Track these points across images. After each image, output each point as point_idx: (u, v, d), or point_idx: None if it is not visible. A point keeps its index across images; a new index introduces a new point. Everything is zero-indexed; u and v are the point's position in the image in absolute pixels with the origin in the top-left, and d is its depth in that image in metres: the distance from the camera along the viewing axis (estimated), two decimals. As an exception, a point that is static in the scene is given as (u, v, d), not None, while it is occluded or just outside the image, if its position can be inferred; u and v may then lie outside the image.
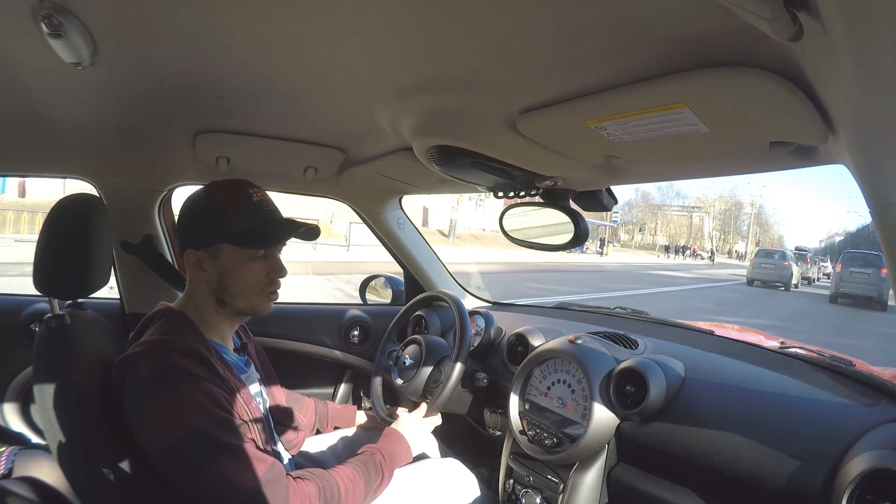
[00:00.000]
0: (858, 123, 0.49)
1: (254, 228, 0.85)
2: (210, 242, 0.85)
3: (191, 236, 0.87)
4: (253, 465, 0.76)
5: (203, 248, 0.85)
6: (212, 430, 0.74)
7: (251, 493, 0.74)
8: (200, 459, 0.73)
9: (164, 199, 1.47)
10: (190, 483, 0.74)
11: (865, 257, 12.28)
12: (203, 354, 0.80)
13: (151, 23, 0.62)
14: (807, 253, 24.06)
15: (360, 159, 1.27)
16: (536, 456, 1.09)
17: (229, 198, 0.86)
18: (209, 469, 0.73)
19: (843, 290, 12.64)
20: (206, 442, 0.73)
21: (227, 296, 0.87)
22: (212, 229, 0.85)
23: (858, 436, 0.79)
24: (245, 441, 0.78)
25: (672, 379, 1.00)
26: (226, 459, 0.74)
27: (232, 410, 0.79)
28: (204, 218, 0.86)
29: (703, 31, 0.50)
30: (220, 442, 0.74)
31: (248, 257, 0.86)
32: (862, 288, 12.22)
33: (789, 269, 16.29)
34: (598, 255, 25.11)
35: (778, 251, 18.08)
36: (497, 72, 0.67)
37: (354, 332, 1.70)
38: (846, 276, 12.54)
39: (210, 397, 0.76)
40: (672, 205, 46.85)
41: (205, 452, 0.73)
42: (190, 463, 0.73)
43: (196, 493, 0.75)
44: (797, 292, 16.12)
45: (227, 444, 0.75)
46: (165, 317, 0.85)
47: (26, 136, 1.11)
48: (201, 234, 0.86)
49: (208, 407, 0.75)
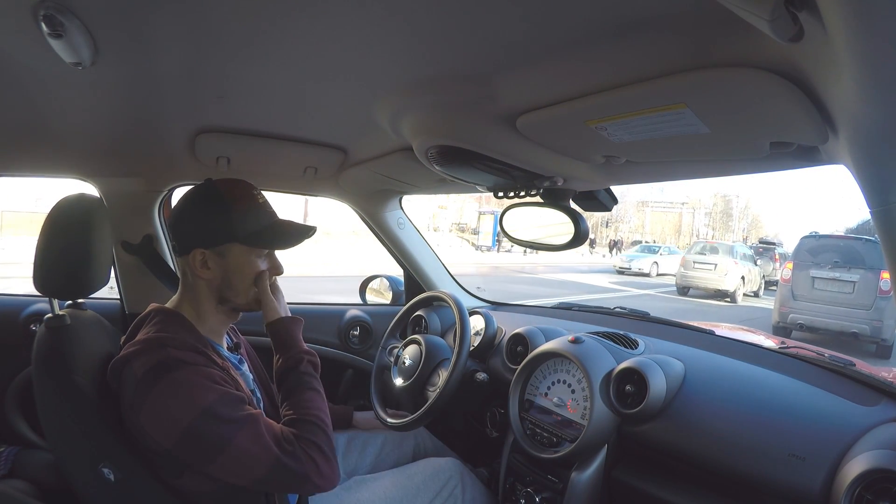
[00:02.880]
0: (859, 124, 0.49)
1: (264, 229, 0.87)
2: (219, 242, 0.86)
3: (198, 236, 0.86)
4: (268, 432, 0.76)
5: (212, 247, 0.86)
6: (219, 406, 0.74)
7: (275, 460, 0.74)
8: (216, 436, 0.73)
9: (164, 199, 1.47)
10: (213, 463, 0.74)
11: (844, 248, 6.24)
12: (199, 348, 0.80)
13: (152, 23, 0.62)
14: (774, 247, 16.29)
15: (360, 159, 1.27)
16: (536, 455, 1.09)
17: (238, 198, 0.87)
18: (228, 444, 0.73)
19: (799, 321, 6.10)
20: (218, 418, 0.73)
21: (230, 293, 0.88)
22: (222, 229, 0.85)
23: (858, 436, 0.79)
24: (252, 411, 0.77)
25: (672, 379, 1.00)
26: (242, 431, 0.74)
27: (231, 385, 0.79)
28: (213, 217, 0.86)
29: (703, 31, 0.50)
30: (230, 416, 0.74)
31: (255, 256, 0.88)
32: (838, 316, 5.83)
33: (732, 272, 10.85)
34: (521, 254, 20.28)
35: (722, 245, 12.53)
36: (497, 71, 0.67)
37: (354, 332, 1.70)
38: (804, 289, 6.19)
39: (210, 377, 0.76)
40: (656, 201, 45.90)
41: (219, 429, 0.73)
42: (207, 442, 0.73)
43: (222, 470, 0.75)
44: (743, 307, 10.38)
45: (238, 416, 0.75)
46: (159, 316, 0.85)
47: (26, 136, 1.11)
48: (211, 233, 0.86)
49: (210, 385, 0.75)
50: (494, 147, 0.89)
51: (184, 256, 0.87)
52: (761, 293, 12.46)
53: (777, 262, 14.03)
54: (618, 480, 1.01)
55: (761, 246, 16.53)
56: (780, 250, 16.07)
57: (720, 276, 10.87)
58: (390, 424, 1.26)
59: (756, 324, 6.41)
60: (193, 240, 0.86)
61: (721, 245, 12.39)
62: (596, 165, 0.91)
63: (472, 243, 22.32)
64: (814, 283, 6.15)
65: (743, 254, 11.98)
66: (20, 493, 0.93)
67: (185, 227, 0.87)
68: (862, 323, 5.72)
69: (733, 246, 12.36)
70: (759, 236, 31.55)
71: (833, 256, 6.17)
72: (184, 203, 0.89)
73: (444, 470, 1.13)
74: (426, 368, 1.29)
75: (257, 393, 1.00)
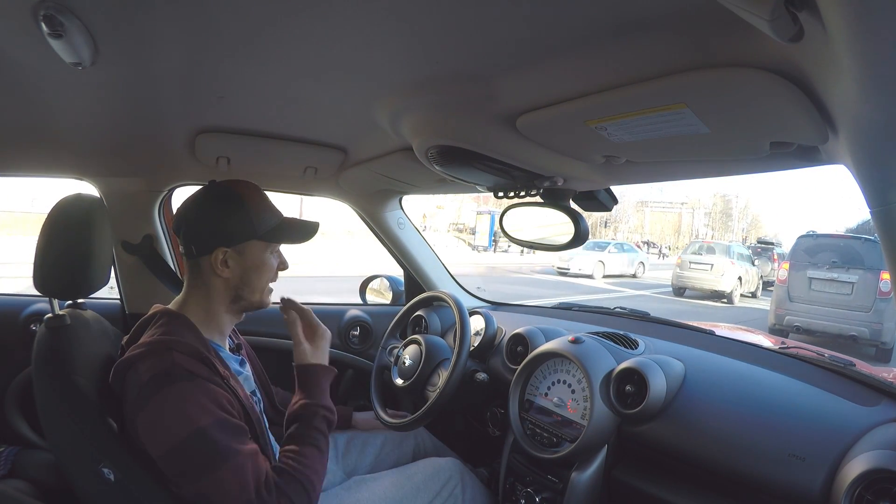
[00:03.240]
0: (859, 124, 0.49)
1: (281, 225, 0.91)
2: (241, 239, 0.88)
3: (221, 235, 0.87)
4: (253, 473, 0.75)
5: (233, 244, 0.87)
6: (213, 431, 0.74)
7: (246, 502, 0.73)
8: (201, 462, 0.73)
9: (164, 199, 1.47)
10: (190, 485, 0.74)
11: (843, 248, 5.97)
12: (203, 354, 0.80)
13: (152, 23, 0.62)
14: (772, 247, 15.93)
15: (360, 159, 1.27)
16: (536, 455, 1.09)
17: (252, 197, 0.90)
18: (211, 471, 0.73)
19: (796, 323, 5.90)
20: (208, 444, 0.73)
21: (246, 291, 0.90)
22: (244, 226, 0.87)
23: (858, 436, 0.79)
24: (246, 445, 0.77)
25: (672, 379, 1.00)
26: (228, 463, 0.73)
27: (233, 411, 0.79)
28: (234, 215, 0.88)
29: (703, 31, 0.50)
30: (221, 445, 0.74)
31: (270, 252, 0.91)
32: (836, 318, 5.66)
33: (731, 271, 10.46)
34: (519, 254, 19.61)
35: (719, 245, 11.99)
36: (497, 71, 0.67)
37: (354, 332, 1.70)
38: (801, 290, 5.98)
39: (211, 397, 0.76)
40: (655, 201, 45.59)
41: (206, 455, 0.73)
42: (191, 465, 0.73)
43: (196, 496, 0.74)
44: (740, 308, 10.14)
45: (231, 448, 0.74)
46: (164, 318, 0.85)
47: (26, 136, 1.11)
48: (232, 232, 0.87)
49: (210, 407, 0.75)
50: (494, 147, 0.89)
51: (202, 257, 0.87)
52: (759, 294, 12.16)
53: (775, 263, 13.49)
54: (618, 480, 1.01)
55: (759, 246, 16.16)
56: (779, 250, 15.70)
57: (717, 276, 10.58)
58: (390, 424, 1.26)
59: (752, 326, 5.58)
60: (215, 239, 0.86)
61: (718, 245, 11.96)
62: (596, 165, 0.91)
63: (469, 243, 22.23)
64: (811, 283, 5.91)
65: (740, 254, 11.68)
66: (20, 493, 0.93)
67: (204, 227, 0.87)
68: (861, 325, 5.49)
69: (730, 246, 11.94)
70: (758, 236, 30.82)
71: (831, 256, 5.89)
72: (196, 205, 0.89)
73: (444, 470, 1.13)
74: (426, 368, 1.29)
75: (257, 393, 1.00)
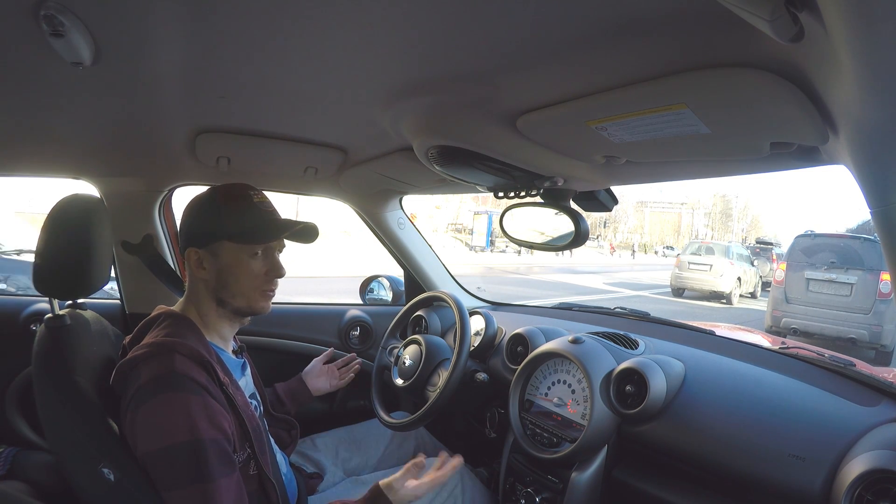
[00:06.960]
0: (859, 124, 0.49)
1: (253, 226, 0.88)
2: (211, 240, 0.87)
3: (192, 234, 0.88)
4: (234, 501, 0.74)
5: (204, 245, 0.87)
6: (203, 448, 0.72)
7: None
8: (184, 472, 0.72)
9: (164, 199, 1.47)
10: (164, 491, 0.72)
11: (841, 248, 5.77)
12: (204, 357, 0.80)
13: (152, 23, 0.62)
14: (771, 248, 15.89)
15: (361, 159, 1.27)
16: (536, 456, 1.09)
17: (231, 198, 0.89)
18: (187, 485, 0.71)
19: (793, 325, 5.73)
20: (195, 457, 0.72)
21: (226, 294, 0.88)
22: (213, 227, 0.87)
23: (858, 436, 0.79)
24: (226, 475, 0.75)
25: (672, 379, 1.00)
26: (207, 486, 0.72)
27: (227, 429, 0.78)
28: (206, 216, 0.88)
29: (703, 31, 0.50)
30: (207, 465, 0.72)
31: (248, 255, 0.88)
32: (835, 320, 5.47)
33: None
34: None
35: (718, 245, 11.79)
36: (497, 72, 0.67)
37: (354, 333, 1.70)
38: (798, 291, 5.81)
39: (207, 411, 0.75)
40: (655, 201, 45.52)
41: (190, 468, 0.72)
42: (172, 472, 0.72)
43: (165, 500, 0.73)
44: (738, 309, 10.01)
45: (215, 471, 0.72)
46: (168, 319, 0.85)
47: (26, 136, 1.11)
48: (202, 232, 0.88)
49: (205, 424, 0.74)
50: (494, 147, 0.89)
51: (185, 258, 0.89)
52: (758, 294, 12.10)
53: (774, 263, 13.51)
54: (618, 480, 1.01)
55: (758, 246, 16.04)
56: (778, 251, 15.58)
57: (715, 277, 10.55)
58: (390, 424, 1.26)
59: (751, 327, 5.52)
60: (188, 239, 0.89)
61: (716, 245, 11.86)
62: (596, 165, 0.91)
63: (466, 243, 22.30)
64: (808, 284, 5.75)
65: (739, 254, 11.63)
66: (20, 494, 0.93)
67: (183, 228, 0.90)
68: (860, 328, 5.33)
69: (729, 246, 11.85)
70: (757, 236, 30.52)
71: (829, 256, 5.73)
72: (186, 208, 0.92)
73: (444, 470, 1.13)
74: (426, 368, 1.29)
75: (257, 396, 1.00)
